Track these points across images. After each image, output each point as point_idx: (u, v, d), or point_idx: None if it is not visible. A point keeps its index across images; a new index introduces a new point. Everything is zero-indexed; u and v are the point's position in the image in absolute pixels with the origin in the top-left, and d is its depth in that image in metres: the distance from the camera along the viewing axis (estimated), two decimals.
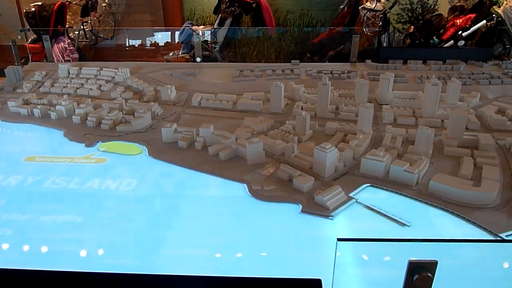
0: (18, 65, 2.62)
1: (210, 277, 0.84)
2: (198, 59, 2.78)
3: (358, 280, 0.79)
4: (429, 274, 0.60)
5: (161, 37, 4.36)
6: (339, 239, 0.64)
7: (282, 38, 4.29)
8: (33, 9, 4.03)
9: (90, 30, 4.51)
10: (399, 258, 0.66)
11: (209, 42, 3.89)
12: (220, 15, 3.97)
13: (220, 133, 1.58)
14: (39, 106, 1.95)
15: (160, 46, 4.30)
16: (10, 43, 2.68)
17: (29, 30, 4.00)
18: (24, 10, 4.14)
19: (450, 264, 0.71)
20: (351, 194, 1.22)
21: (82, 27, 4.42)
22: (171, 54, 3.91)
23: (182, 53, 3.85)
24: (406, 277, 0.61)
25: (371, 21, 3.67)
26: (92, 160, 1.49)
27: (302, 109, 1.87)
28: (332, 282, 0.68)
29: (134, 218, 1.17)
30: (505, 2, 3.11)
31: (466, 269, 0.80)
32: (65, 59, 4.01)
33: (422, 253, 0.68)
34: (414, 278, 0.60)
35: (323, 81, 1.77)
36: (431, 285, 0.60)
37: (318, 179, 1.31)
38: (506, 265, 0.82)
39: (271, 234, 1.08)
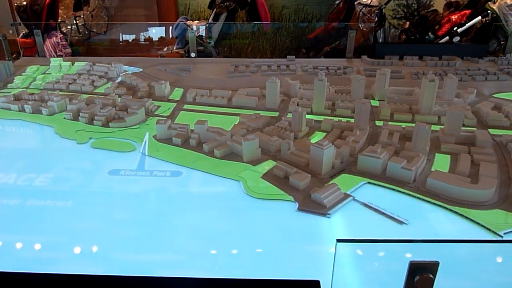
0: (9, 60, 2.57)
1: (205, 279, 0.82)
2: (193, 54, 2.75)
3: (358, 281, 0.77)
4: (430, 275, 0.59)
5: (155, 32, 4.32)
6: (338, 240, 0.62)
7: (278, 34, 4.27)
8: (24, 3, 3.96)
9: (83, 25, 4.44)
10: (399, 259, 0.64)
11: (203, 37, 3.85)
12: (215, 9, 3.94)
13: (215, 130, 1.56)
14: (30, 102, 1.91)
15: (154, 41, 4.26)
16: (1, 38, 2.63)
17: (20, 24, 3.94)
18: (16, 4, 4.07)
19: (450, 265, 0.70)
20: (348, 192, 1.21)
21: (74, 21, 4.35)
22: (165, 49, 3.88)
23: (177, 48, 3.82)
24: (407, 278, 0.60)
25: (366, 16, 3.65)
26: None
27: (298, 105, 1.85)
28: (332, 283, 0.67)
29: (127, 216, 1.14)
30: None
31: (467, 269, 0.79)
32: (58, 54, 3.95)
33: (422, 253, 0.66)
34: (415, 279, 0.59)
35: (319, 77, 1.75)
36: (432, 287, 0.58)
37: (315, 176, 1.29)
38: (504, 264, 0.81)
39: (267, 232, 1.06)
